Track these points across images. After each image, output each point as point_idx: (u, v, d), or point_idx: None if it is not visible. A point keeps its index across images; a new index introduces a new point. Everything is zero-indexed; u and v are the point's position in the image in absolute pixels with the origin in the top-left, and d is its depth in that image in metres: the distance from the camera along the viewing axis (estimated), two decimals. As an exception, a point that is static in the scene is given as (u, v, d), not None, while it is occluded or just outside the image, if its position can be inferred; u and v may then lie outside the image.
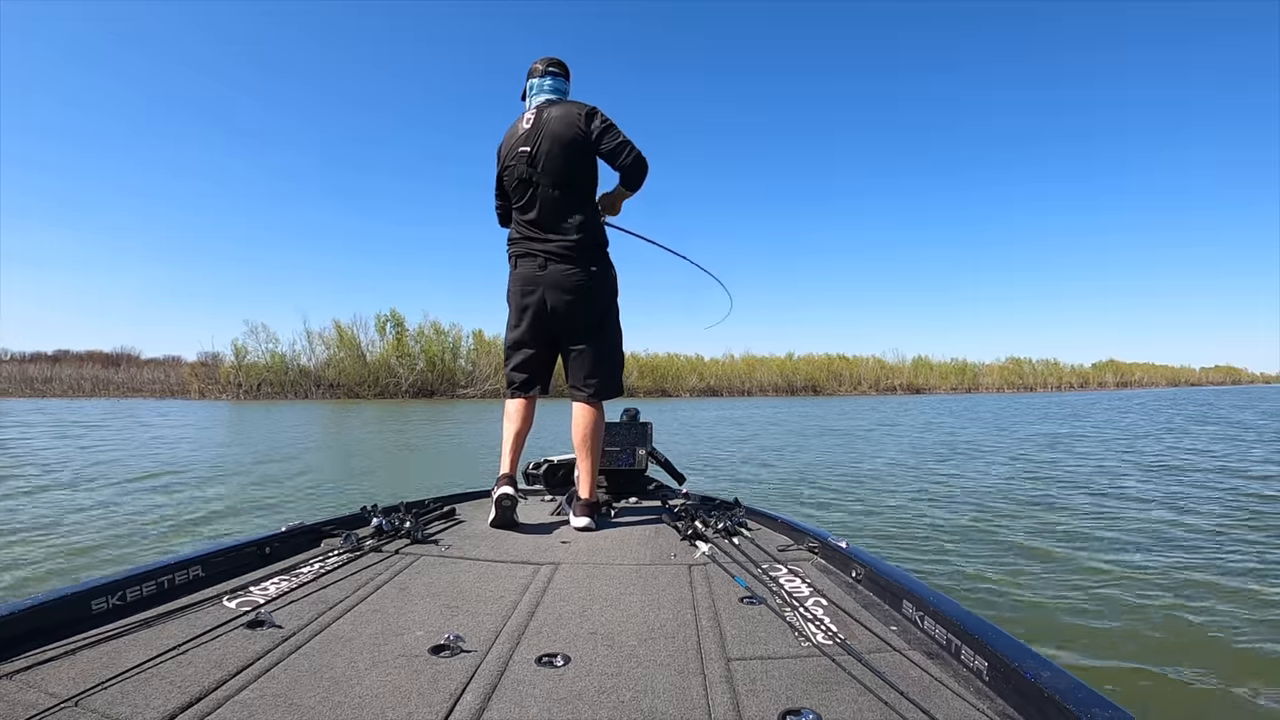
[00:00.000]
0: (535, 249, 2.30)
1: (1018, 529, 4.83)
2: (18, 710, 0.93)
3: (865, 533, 4.80)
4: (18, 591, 3.37)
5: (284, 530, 1.91)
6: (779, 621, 1.34)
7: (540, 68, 2.39)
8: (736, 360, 55.52)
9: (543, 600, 1.49)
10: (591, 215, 2.34)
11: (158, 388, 38.55)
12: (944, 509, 5.63)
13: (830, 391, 55.62)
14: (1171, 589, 3.39)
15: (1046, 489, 6.63)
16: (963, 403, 35.09)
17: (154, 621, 1.29)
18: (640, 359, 48.85)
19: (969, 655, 1.12)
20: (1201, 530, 4.67)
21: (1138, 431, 13.70)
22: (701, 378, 51.09)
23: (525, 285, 2.31)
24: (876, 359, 61.99)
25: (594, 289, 2.31)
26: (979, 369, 67.73)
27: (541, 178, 2.26)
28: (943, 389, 61.53)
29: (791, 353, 58.42)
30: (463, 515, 2.38)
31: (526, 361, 2.40)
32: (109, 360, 43.54)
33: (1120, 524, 4.96)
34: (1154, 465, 8.32)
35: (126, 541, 4.45)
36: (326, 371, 38.31)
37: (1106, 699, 0.87)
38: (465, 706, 0.99)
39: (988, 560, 3.99)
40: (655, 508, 2.56)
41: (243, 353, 37.18)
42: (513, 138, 2.34)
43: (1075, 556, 4.03)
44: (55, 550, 4.17)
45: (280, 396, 35.64)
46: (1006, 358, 71.59)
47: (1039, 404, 31.73)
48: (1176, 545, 4.28)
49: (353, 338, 39.46)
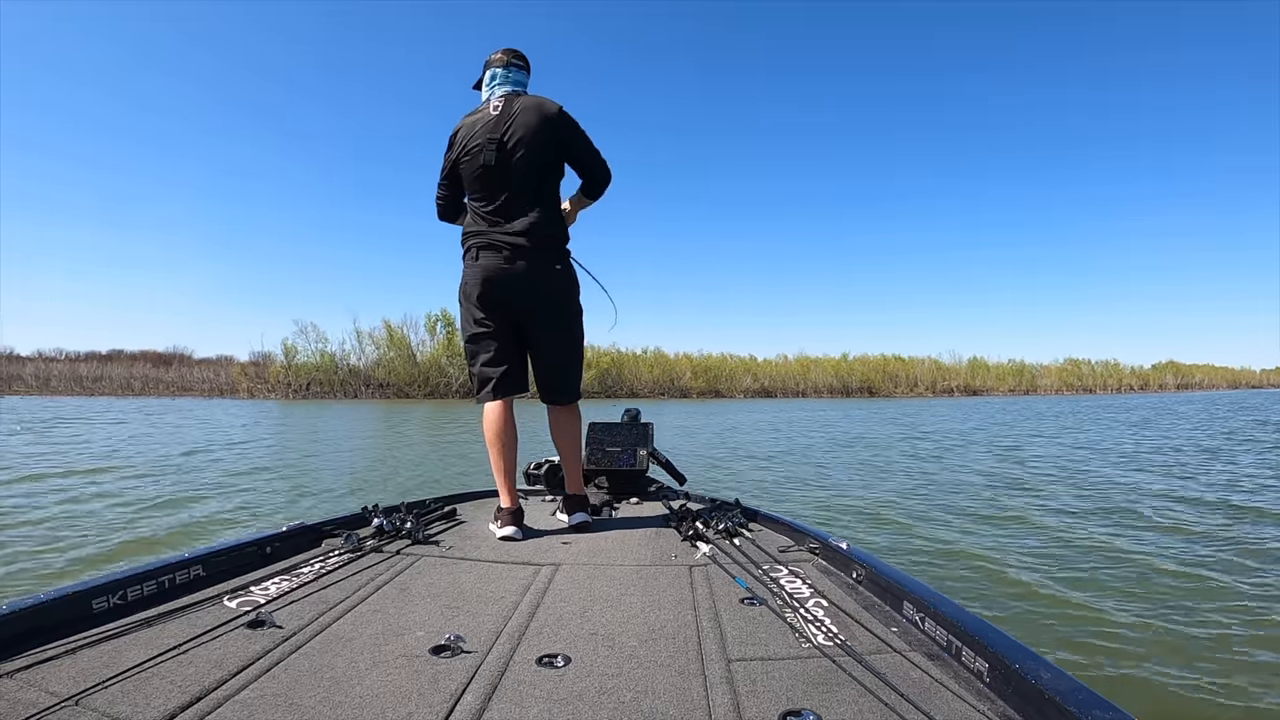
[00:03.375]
0: (499, 240, 2.16)
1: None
2: (18, 709, 0.93)
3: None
4: (18, 590, 3.34)
5: (284, 530, 1.91)
6: (780, 622, 1.35)
7: (503, 58, 2.28)
8: (790, 361, 54.40)
9: (543, 601, 1.49)
10: (558, 211, 2.27)
11: (207, 387, 38.44)
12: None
13: (886, 393, 54.01)
14: (1173, 589, 3.41)
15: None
16: (1035, 405, 33.22)
17: (154, 621, 1.30)
18: (694, 359, 48.07)
19: (970, 656, 1.11)
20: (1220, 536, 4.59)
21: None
22: (755, 379, 50.02)
23: (489, 277, 2.17)
24: (933, 360, 60.08)
25: (562, 286, 2.25)
26: (1036, 370, 65.37)
27: (512, 167, 2.15)
28: (1000, 391, 59.79)
29: (846, 353, 56.95)
30: (464, 515, 2.37)
31: (498, 358, 2.23)
32: (161, 360, 43.31)
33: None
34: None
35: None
36: (376, 371, 38.21)
37: (1107, 700, 0.87)
38: (465, 707, 0.99)
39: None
40: (656, 508, 2.55)
41: (292, 352, 37.12)
42: (476, 125, 2.20)
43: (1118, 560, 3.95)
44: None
45: (329, 396, 35.63)
46: (1065, 359, 69.04)
47: (1126, 406, 29.30)
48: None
49: (403, 338, 39.29)
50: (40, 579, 3.56)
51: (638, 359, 45.20)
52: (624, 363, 43.93)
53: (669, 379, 45.39)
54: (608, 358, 42.48)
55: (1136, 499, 6.07)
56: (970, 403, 38.24)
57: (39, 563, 3.87)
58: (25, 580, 3.56)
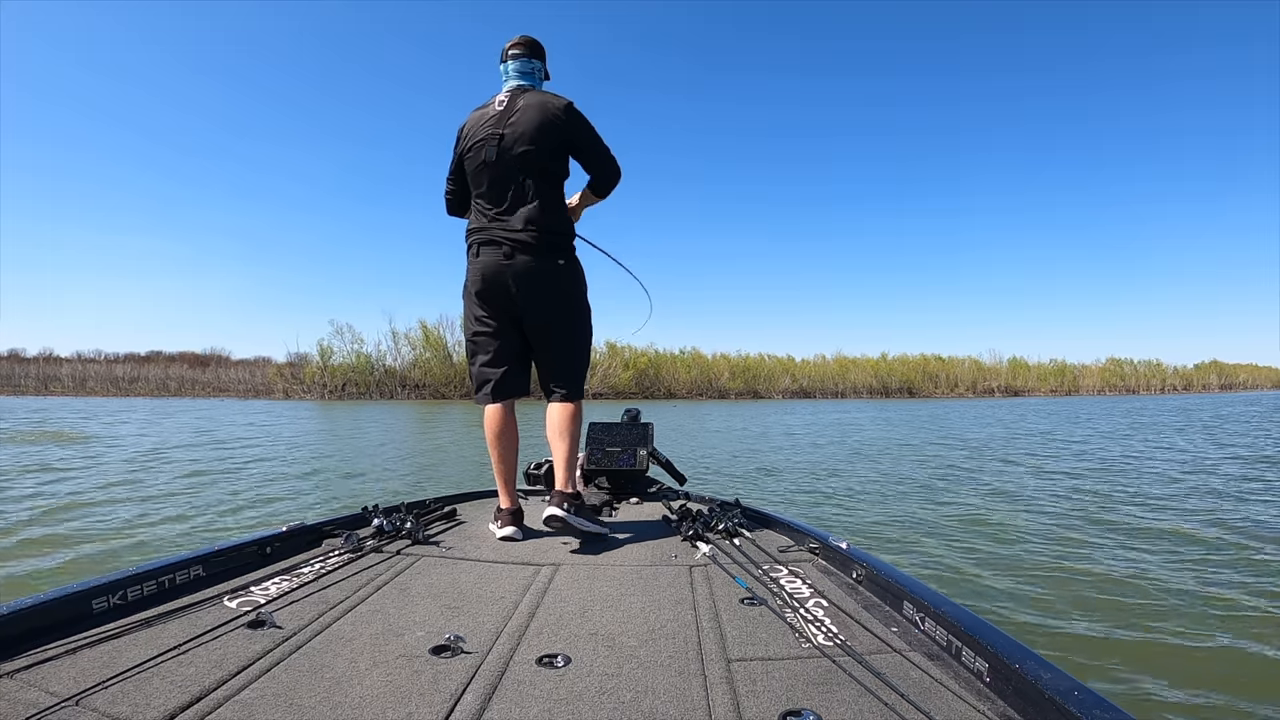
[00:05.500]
0: (500, 236, 2.14)
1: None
2: (18, 709, 0.93)
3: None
4: (20, 590, 3.33)
5: (284, 530, 1.90)
6: (779, 622, 1.34)
7: (512, 50, 2.26)
8: (828, 361, 53.39)
9: (543, 601, 1.49)
10: (561, 208, 2.23)
11: (243, 388, 38.30)
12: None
13: (926, 394, 52.90)
14: (1174, 590, 3.37)
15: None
16: (1089, 406, 31.90)
17: (154, 621, 1.30)
18: (731, 360, 47.41)
19: (969, 656, 1.12)
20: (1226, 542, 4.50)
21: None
22: (794, 379, 49.31)
23: (489, 274, 2.15)
24: (973, 360, 58.70)
25: (563, 282, 2.20)
26: (1078, 370, 63.57)
27: (512, 164, 2.14)
28: (1041, 391, 58.52)
29: (885, 353, 55.90)
30: (463, 516, 2.37)
31: (498, 359, 2.20)
32: (198, 361, 43.39)
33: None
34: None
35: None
36: (412, 372, 37.96)
37: (1107, 700, 0.87)
38: (465, 707, 0.99)
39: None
40: (656, 509, 2.55)
41: (328, 353, 36.94)
42: (481, 120, 2.20)
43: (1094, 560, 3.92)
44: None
45: (365, 397, 35.37)
46: (1107, 359, 67.10)
47: (1181, 407, 27.26)
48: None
49: (439, 338, 39.06)
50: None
51: (675, 359, 44.65)
52: (661, 363, 43.37)
53: (706, 380, 44.79)
54: (645, 358, 41.77)
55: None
56: (1017, 404, 36.77)
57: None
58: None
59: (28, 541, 4.39)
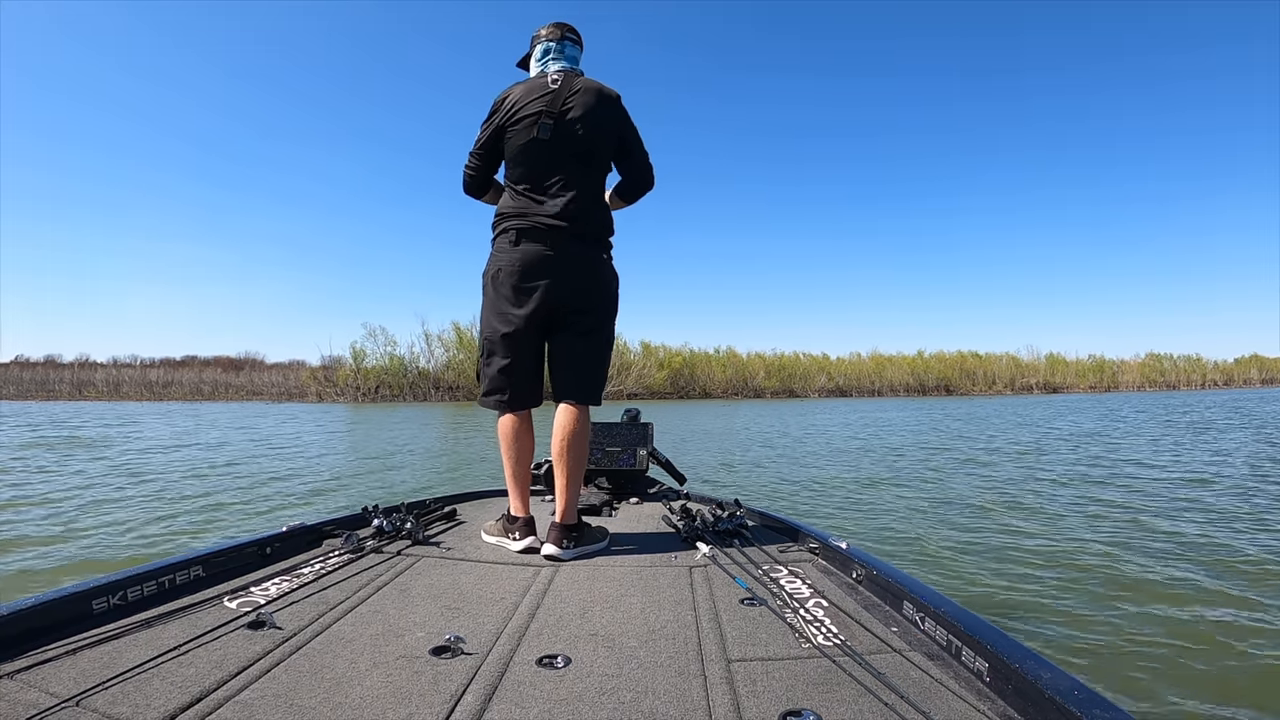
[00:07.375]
0: (544, 223, 1.95)
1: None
2: (18, 710, 0.93)
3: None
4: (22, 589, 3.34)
5: (284, 530, 1.90)
6: (779, 623, 1.34)
7: (557, 32, 2.11)
8: (864, 359, 52.40)
9: (543, 602, 1.49)
10: (604, 201, 2.12)
11: (276, 391, 38.07)
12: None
13: (964, 391, 51.68)
14: (1175, 590, 3.35)
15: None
16: (1132, 401, 30.72)
17: (155, 621, 1.29)
18: (766, 359, 46.67)
19: (969, 656, 1.11)
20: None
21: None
22: (830, 377, 48.49)
23: (531, 264, 1.96)
24: (1011, 356, 57.40)
25: (609, 280, 2.08)
26: (1117, 366, 61.95)
27: (566, 147, 1.97)
28: (1080, 387, 57.29)
29: (921, 351, 54.69)
30: (464, 516, 2.36)
31: (520, 363, 2.02)
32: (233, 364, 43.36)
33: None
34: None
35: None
36: (446, 374, 37.69)
37: (1107, 700, 0.87)
38: (466, 707, 0.99)
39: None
40: (656, 509, 2.53)
41: (361, 356, 36.71)
42: (530, 94, 1.99)
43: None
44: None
45: (398, 399, 35.06)
46: (1146, 354, 65.34)
47: (1232, 404, 24.98)
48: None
49: (472, 340, 38.04)
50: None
51: (710, 359, 43.93)
52: (696, 363, 42.67)
53: (742, 379, 44.07)
54: (679, 358, 41.01)
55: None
56: (1056, 400, 35.21)
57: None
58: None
59: (35, 540, 4.28)
